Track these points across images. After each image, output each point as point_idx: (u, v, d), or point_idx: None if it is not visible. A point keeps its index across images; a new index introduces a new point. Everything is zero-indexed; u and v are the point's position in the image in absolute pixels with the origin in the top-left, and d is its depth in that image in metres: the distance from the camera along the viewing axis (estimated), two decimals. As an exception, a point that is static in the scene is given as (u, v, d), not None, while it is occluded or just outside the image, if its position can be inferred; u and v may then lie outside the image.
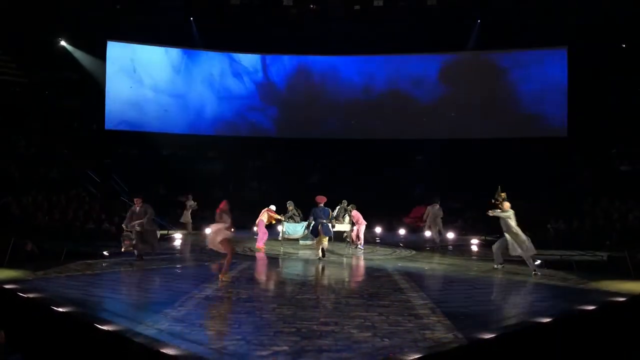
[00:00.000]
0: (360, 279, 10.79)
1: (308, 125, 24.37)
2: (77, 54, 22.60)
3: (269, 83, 25.00)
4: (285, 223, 15.16)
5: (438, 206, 16.86)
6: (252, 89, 24.92)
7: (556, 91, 22.79)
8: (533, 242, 10.71)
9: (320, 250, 12.70)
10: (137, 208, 12.00)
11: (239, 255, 13.29)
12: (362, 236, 14.96)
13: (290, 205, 15.59)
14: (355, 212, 14.83)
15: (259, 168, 24.74)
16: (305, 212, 14.93)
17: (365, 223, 15.09)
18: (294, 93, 24.98)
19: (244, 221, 21.06)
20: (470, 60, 24.12)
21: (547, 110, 22.93)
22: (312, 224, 13.10)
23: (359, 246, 14.86)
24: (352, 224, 14.90)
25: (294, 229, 15.32)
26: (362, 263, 12.80)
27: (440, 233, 16.94)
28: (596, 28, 20.32)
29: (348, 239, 14.92)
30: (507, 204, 10.90)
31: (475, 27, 23.06)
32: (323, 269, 10.94)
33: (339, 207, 14.98)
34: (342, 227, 14.86)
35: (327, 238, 13.04)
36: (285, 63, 25.12)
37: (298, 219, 15.55)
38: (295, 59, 25.03)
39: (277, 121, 24.85)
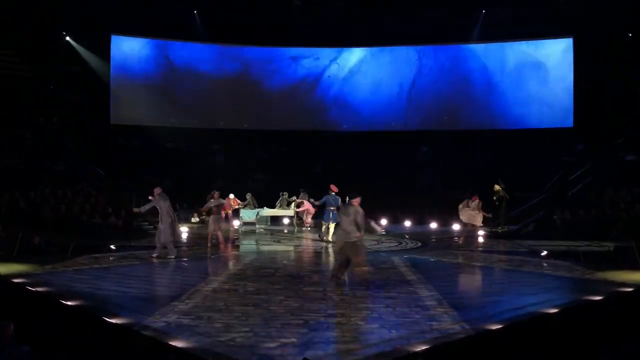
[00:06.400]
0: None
1: (309, 117, 24.36)
2: (81, 48, 22.58)
3: (271, 75, 24.90)
4: (242, 210, 18.00)
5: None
6: (252, 83, 24.83)
7: (562, 81, 22.64)
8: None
9: (326, 235, 14.30)
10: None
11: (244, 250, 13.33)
12: (310, 220, 17.87)
13: (248, 196, 18.71)
14: (305, 201, 17.28)
15: (263, 160, 24.71)
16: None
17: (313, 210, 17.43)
18: (296, 85, 24.91)
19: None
20: (474, 51, 23.97)
21: (552, 100, 22.79)
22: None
23: (307, 227, 17.73)
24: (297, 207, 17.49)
25: (249, 215, 18.10)
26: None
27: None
28: (602, 17, 20.15)
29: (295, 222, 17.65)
30: None
31: (480, 17, 22.91)
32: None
33: (280, 199, 18.23)
34: (285, 212, 18.20)
35: (334, 224, 13.82)
36: (284, 55, 25.01)
37: (253, 207, 18.47)
38: (295, 51, 24.91)
39: (279, 114, 24.76)
